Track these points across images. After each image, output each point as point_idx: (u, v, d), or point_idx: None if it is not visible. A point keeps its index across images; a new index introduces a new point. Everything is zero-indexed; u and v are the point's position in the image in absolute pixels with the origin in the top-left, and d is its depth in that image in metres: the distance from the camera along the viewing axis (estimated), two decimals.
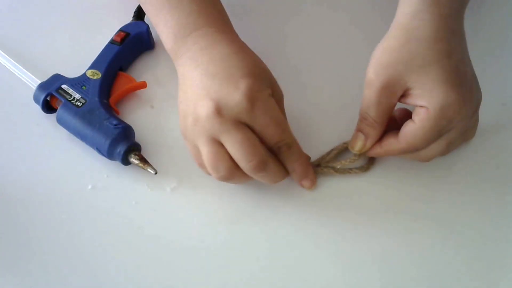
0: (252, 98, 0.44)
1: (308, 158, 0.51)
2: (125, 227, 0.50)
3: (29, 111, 0.56)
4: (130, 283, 0.47)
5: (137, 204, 0.51)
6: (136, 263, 0.48)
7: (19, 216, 0.50)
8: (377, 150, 0.49)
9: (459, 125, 0.46)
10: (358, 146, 0.49)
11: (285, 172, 0.48)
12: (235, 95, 0.44)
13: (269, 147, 0.46)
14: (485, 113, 0.52)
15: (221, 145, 0.45)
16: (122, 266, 0.48)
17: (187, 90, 0.47)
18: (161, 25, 0.52)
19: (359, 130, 0.49)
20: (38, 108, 0.55)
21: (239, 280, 0.47)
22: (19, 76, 0.58)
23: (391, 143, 0.48)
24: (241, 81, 0.44)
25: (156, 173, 0.51)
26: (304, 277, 0.47)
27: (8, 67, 0.59)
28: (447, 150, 0.49)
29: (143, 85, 0.58)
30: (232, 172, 0.46)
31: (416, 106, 0.46)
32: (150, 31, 0.61)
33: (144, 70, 0.60)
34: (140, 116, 0.57)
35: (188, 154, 0.53)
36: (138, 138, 0.54)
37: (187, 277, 0.47)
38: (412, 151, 0.48)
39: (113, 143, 0.51)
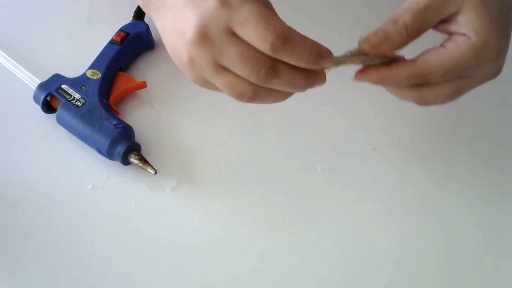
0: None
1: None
2: (125, 227, 0.50)
3: (29, 111, 0.56)
4: (129, 283, 0.47)
5: (137, 204, 0.51)
6: (135, 263, 0.48)
7: (19, 216, 0.50)
8: (384, 72, 0.43)
9: (478, 75, 0.43)
10: (371, 39, 0.42)
11: (305, 74, 0.41)
12: (208, 3, 0.38)
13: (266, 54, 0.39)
14: (485, 113, 0.52)
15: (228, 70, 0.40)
16: (122, 266, 0.48)
17: (166, 36, 0.43)
18: None
19: (380, 29, 0.42)
20: (38, 108, 0.55)
21: (239, 280, 0.47)
22: (19, 76, 0.58)
23: (404, 65, 0.42)
24: None
25: (156, 173, 0.51)
26: (305, 277, 0.47)
27: (8, 67, 0.59)
28: (450, 99, 0.44)
29: (143, 85, 0.58)
30: (255, 90, 0.40)
31: (454, 33, 0.42)
32: (150, 31, 0.61)
33: (144, 70, 0.60)
34: (140, 116, 0.57)
35: (188, 154, 0.53)
36: (138, 138, 0.54)
37: (186, 277, 0.47)
38: (424, 76, 0.42)
39: (113, 143, 0.51)
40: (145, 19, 0.62)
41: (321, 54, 0.40)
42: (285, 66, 0.40)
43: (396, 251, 0.48)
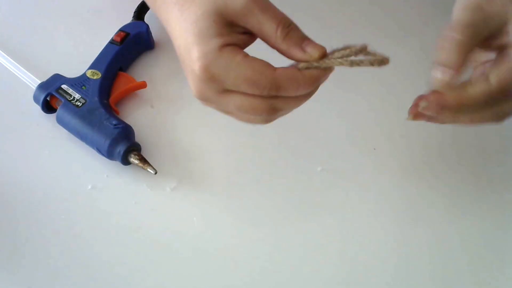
0: (206, 67, 0.39)
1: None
2: (125, 227, 0.50)
3: (29, 111, 0.56)
4: (129, 283, 0.47)
5: (137, 204, 0.51)
6: (135, 263, 0.48)
7: (19, 216, 0.50)
8: (457, 91, 0.40)
9: None
10: (437, 80, 0.39)
11: (302, 97, 0.42)
12: (194, 74, 0.40)
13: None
14: None
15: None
16: (122, 266, 0.48)
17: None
18: None
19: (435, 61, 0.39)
20: (38, 108, 0.55)
21: (239, 281, 0.47)
22: (19, 76, 0.58)
23: (477, 81, 0.39)
24: (193, 52, 0.40)
25: (156, 173, 0.51)
26: (305, 277, 0.47)
27: (8, 67, 0.59)
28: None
29: (143, 85, 0.58)
30: (266, 122, 0.43)
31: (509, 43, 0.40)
32: (150, 31, 0.61)
33: (144, 70, 0.60)
34: (140, 116, 0.57)
35: (188, 154, 0.53)
36: (138, 138, 0.54)
37: (186, 277, 0.47)
38: (500, 94, 0.39)
39: (113, 143, 0.51)
40: (145, 19, 0.62)
41: (316, 82, 0.41)
42: (284, 99, 0.41)
43: (396, 251, 0.48)
